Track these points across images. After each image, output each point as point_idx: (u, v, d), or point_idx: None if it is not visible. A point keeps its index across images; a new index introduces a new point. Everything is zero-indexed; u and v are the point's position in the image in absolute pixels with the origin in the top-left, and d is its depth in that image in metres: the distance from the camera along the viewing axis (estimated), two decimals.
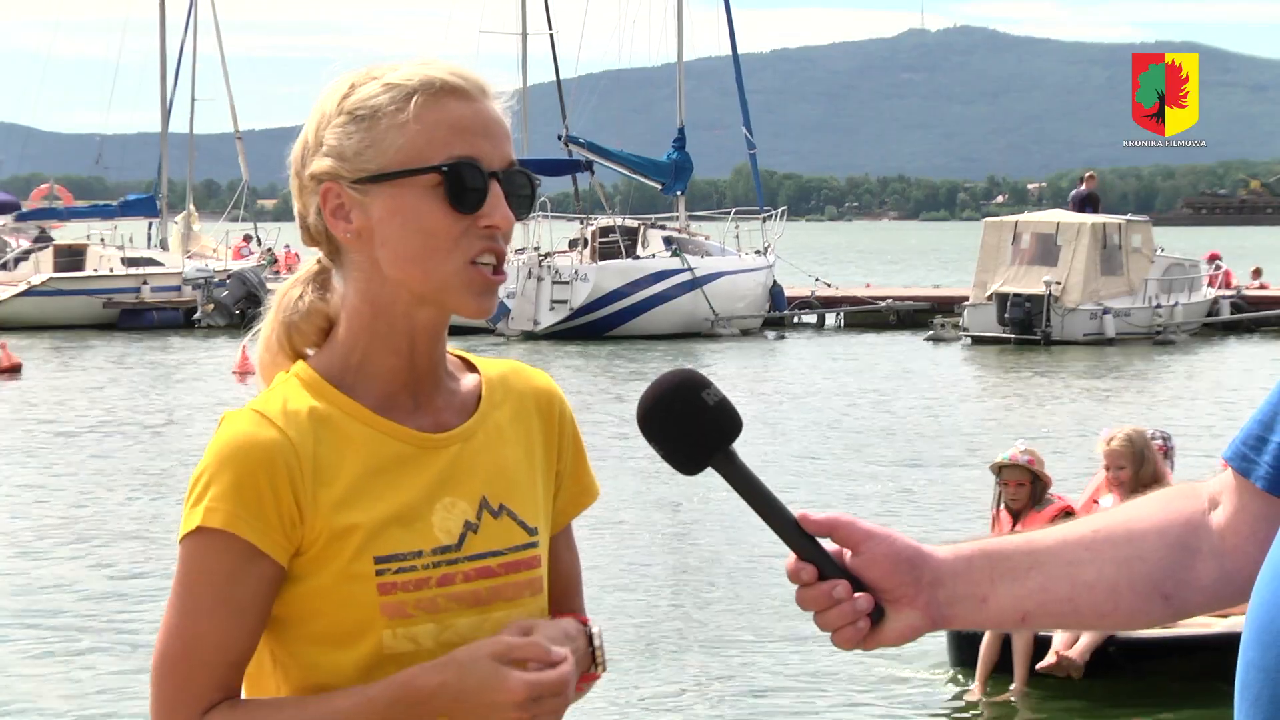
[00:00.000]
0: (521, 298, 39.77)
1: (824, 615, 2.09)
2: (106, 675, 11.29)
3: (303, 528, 2.21)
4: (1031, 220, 38.86)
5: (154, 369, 33.72)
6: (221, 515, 2.19)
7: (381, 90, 2.26)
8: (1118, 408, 26.08)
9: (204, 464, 2.22)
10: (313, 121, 2.30)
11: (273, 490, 2.19)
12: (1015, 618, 2.15)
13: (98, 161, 60.50)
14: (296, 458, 2.21)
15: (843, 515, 2.13)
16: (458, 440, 2.31)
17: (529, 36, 48.37)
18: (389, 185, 2.24)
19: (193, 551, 2.20)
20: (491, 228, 2.25)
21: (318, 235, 2.32)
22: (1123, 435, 9.74)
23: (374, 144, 2.25)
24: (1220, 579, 2.14)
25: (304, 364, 2.31)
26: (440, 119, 2.25)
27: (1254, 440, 2.09)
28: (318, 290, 2.35)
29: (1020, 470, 9.82)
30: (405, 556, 2.23)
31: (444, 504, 2.27)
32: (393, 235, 2.24)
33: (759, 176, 50.68)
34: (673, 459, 2.14)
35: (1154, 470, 9.58)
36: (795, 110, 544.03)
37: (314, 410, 2.25)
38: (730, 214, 47.87)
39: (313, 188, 2.29)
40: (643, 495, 17.37)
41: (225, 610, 2.18)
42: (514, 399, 2.38)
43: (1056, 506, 9.70)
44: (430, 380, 2.32)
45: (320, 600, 2.22)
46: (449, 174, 2.23)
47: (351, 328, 2.30)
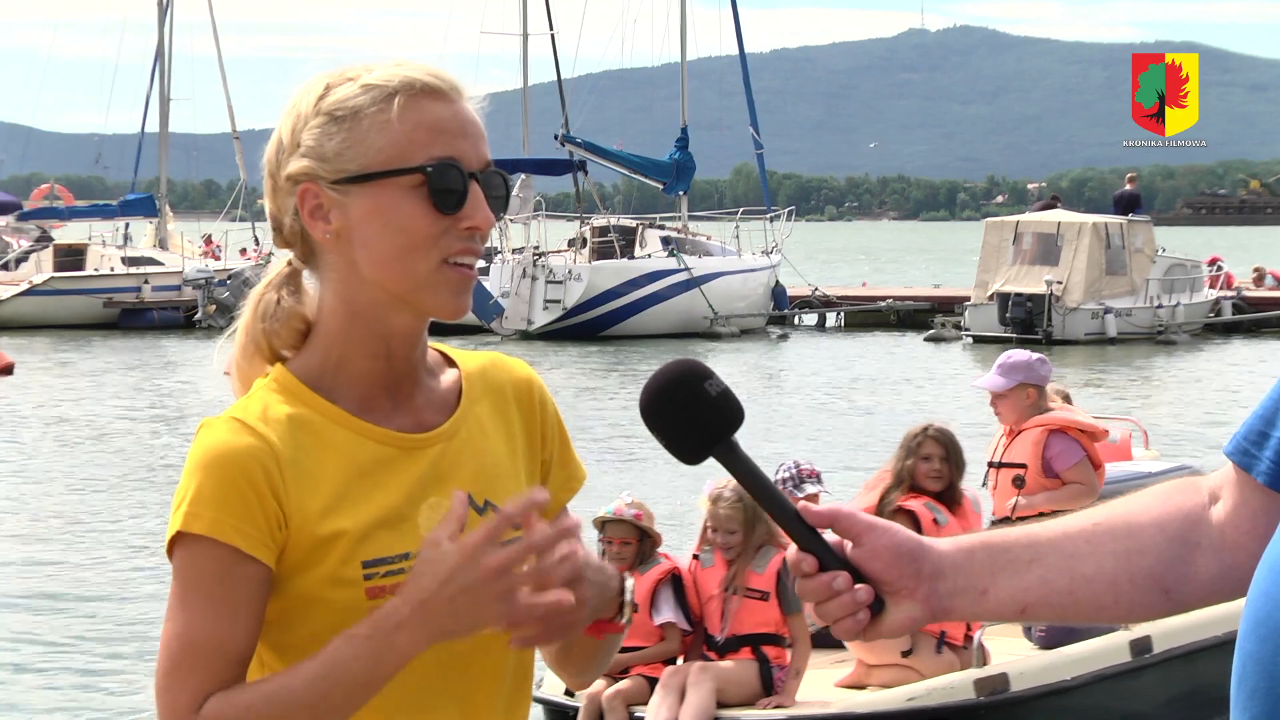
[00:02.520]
0: (515, 297, 39.75)
1: (824, 606, 2.10)
2: (103, 675, 11.29)
3: (287, 530, 2.21)
4: (1033, 220, 38.85)
5: (154, 368, 33.71)
6: (205, 522, 2.19)
7: (361, 91, 2.25)
8: (1119, 406, 26.09)
9: (185, 471, 2.22)
10: (287, 122, 2.29)
11: (255, 494, 2.19)
12: (1015, 610, 2.16)
13: (97, 161, 60.52)
14: (276, 462, 2.21)
15: (844, 507, 2.14)
16: (440, 440, 2.31)
17: (530, 37, 48.37)
18: (370, 186, 2.24)
19: (183, 557, 2.21)
20: (472, 228, 2.26)
21: (292, 237, 2.32)
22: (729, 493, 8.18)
23: (355, 144, 2.24)
24: (1220, 573, 2.14)
25: (282, 368, 2.31)
26: (421, 120, 2.25)
27: (1255, 435, 2.09)
28: (292, 293, 2.35)
29: (626, 526, 8.31)
30: (392, 560, 2.23)
31: (429, 504, 2.27)
32: (372, 236, 2.24)
33: (765, 177, 50.71)
34: (675, 448, 2.15)
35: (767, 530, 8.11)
36: (795, 110, 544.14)
37: (293, 416, 2.25)
38: (738, 214, 47.86)
39: (289, 189, 2.28)
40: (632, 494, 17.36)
41: (220, 611, 2.19)
42: (493, 392, 2.38)
43: (663, 568, 8.23)
44: (409, 381, 2.32)
45: (308, 605, 2.22)
46: (432, 174, 2.23)
47: (328, 330, 2.30)
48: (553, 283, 40.10)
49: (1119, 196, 38.89)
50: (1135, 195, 38.84)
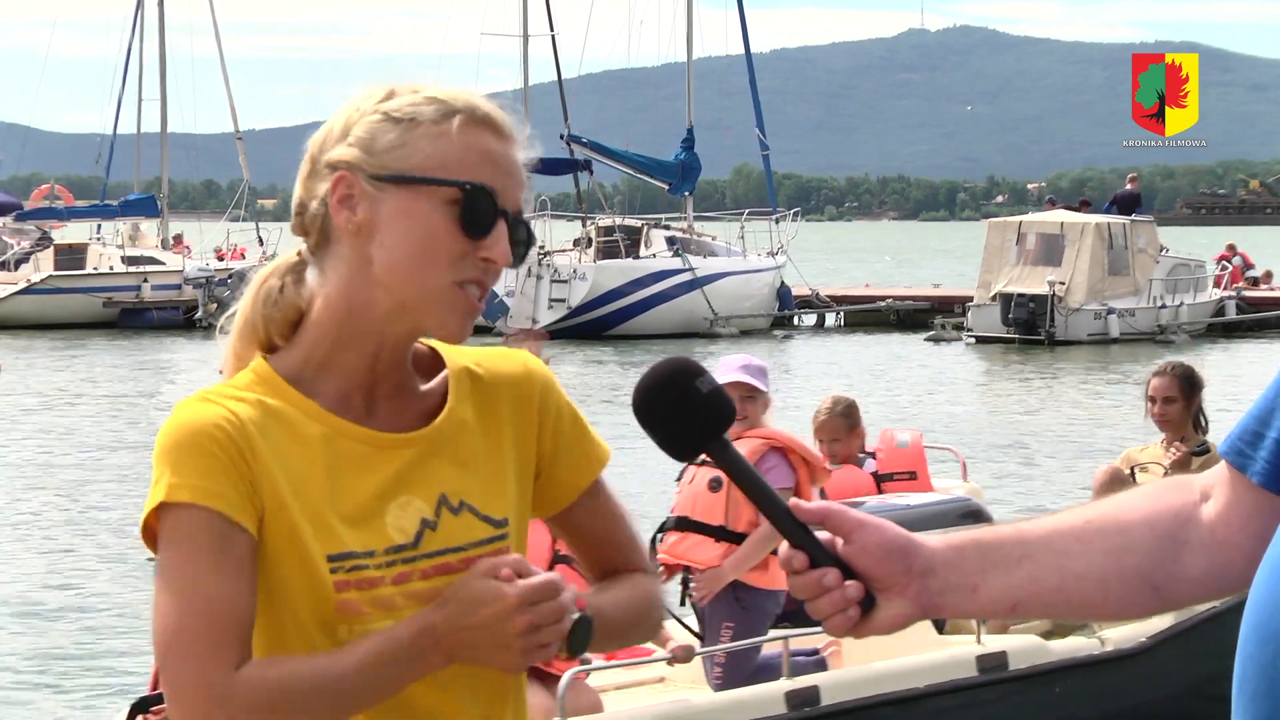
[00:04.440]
0: (520, 296, 39.76)
1: (815, 602, 2.10)
2: (103, 676, 11.30)
3: (262, 499, 2.22)
4: (1036, 220, 38.82)
5: (153, 369, 33.71)
6: (189, 490, 2.20)
7: (425, 101, 2.30)
8: (1122, 405, 26.11)
9: (159, 448, 2.23)
10: (343, 114, 2.33)
11: (229, 460, 2.21)
12: (1006, 607, 2.16)
13: (97, 161, 60.44)
14: (245, 435, 2.23)
15: (835, 504, 2.15)
16: (418, 442, 2.32)
17: (530, 38, 48.34)
18: (406, 189, 2.27)
19: (174, 527, 2.21)
20: (489, 261, 2.28)
21: (311, 224, 2.33)
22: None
23: (404, 146, 2.28)
24: (1209, 572, 2.15)
25: (263, 361, 2.32)
26: (473, 144, 2.29)
27: (1250, 436, 2.10)
28: (295, 282, 2.36)
29: None
30: (357, 555, 2.25)
31: (399, 503, 2.28)
32: (393, 237, 2.26)
33: (771, 177, 50.75)
34: (667, 445, 2.17)
35: None
36: (795, 110, 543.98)
37: (266, 405, 2.27)
38: (744, 214, 47.85)
39: (325, 174, 2.30)
40: (640, 495, 17.38)
41: (225, 575, 2.19)
42: (483, 390, 2.39)
43: None
44: (390, 382, 2.33)
45: (285, 590, 2.24)
46: (468, 194, 2.26)
47: (321, 323, 2.31)
48: (558, 282, 40.12)
49: (1119, 197, 38.87)
50: (1136, 195, 38.81)
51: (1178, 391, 9.15)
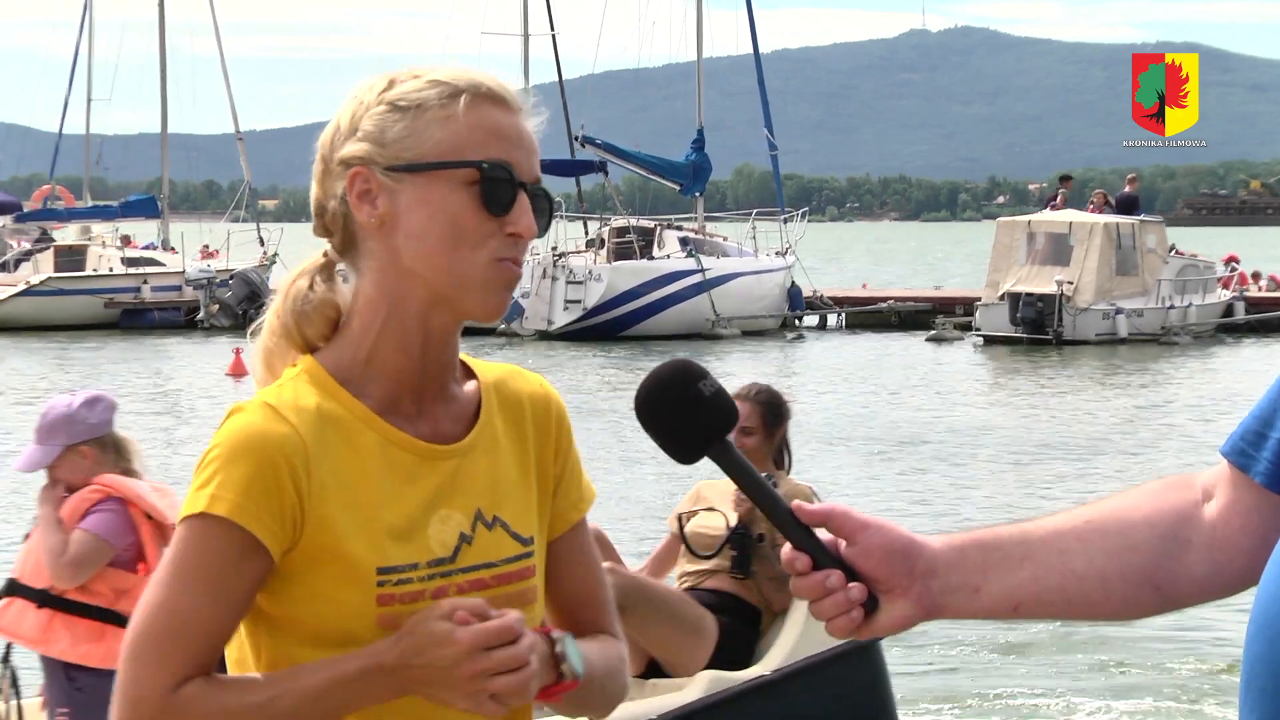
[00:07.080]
0: (535, 297, 39.79)
1: (818, 604, 2.11)
2: None
3: (303, 525, 2.21)
4: (1044, 220, 38.80)
5: (154, 369, 33.70)
6: (227, 504, 2.18)
7: (427, 86, 2.28)
8: (1128, 405, 26.12)
9: (213, 451, 2.21)
10: (348, 109, 2.31)
11: (278, 486, 2.19)
12: (1008, 608, 2.16)
13: (98, 161, 60.47)
14: (304, 456, 2.21)
15: (838, 505, 2.15)
16: (459, 453, 2.30)
17: (531, 38, 48.37)
18: (422, 176, 2.25)
19: (194, 535, 2.20)
20: (516, 235, 2.26)
21: (333, 224, 2.32)
22: None
23: (414, 134, 2.26)
24: (1211, 571, 2.15)
25: (311, 359, 2.30)
26: (481, 121, 2.27)
27: (1252, 436, 2.11)
28: (325, 281, 2.34)
29: None
30: (403, 569, 2.23)
31: (440, 516, 2.27)
32: (417, 226, 2.24)
33: (780, 178, 50.86)
34: (669, 448, 2.17)
35: None
36: (795, 110, 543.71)
37: (322, 410, 2.25)
38: (751, 214, 47.89)
39: (340, 172, 2.29)
40: (651, 494, 17.39)
41: (216, 595, 2.18)
42: (510, 406, 2.38)
43: None
44: (436, 384, 2.31)
45: (317, 604, 2.22)
46: (486, 172, 2.25)
47: (363, 321, 2.29)
48: (573, 283, 40.12)
49: (1118, 199, 38.88)
50: (1133, 198, 38.83)
51: (758, 421, 7.24)
